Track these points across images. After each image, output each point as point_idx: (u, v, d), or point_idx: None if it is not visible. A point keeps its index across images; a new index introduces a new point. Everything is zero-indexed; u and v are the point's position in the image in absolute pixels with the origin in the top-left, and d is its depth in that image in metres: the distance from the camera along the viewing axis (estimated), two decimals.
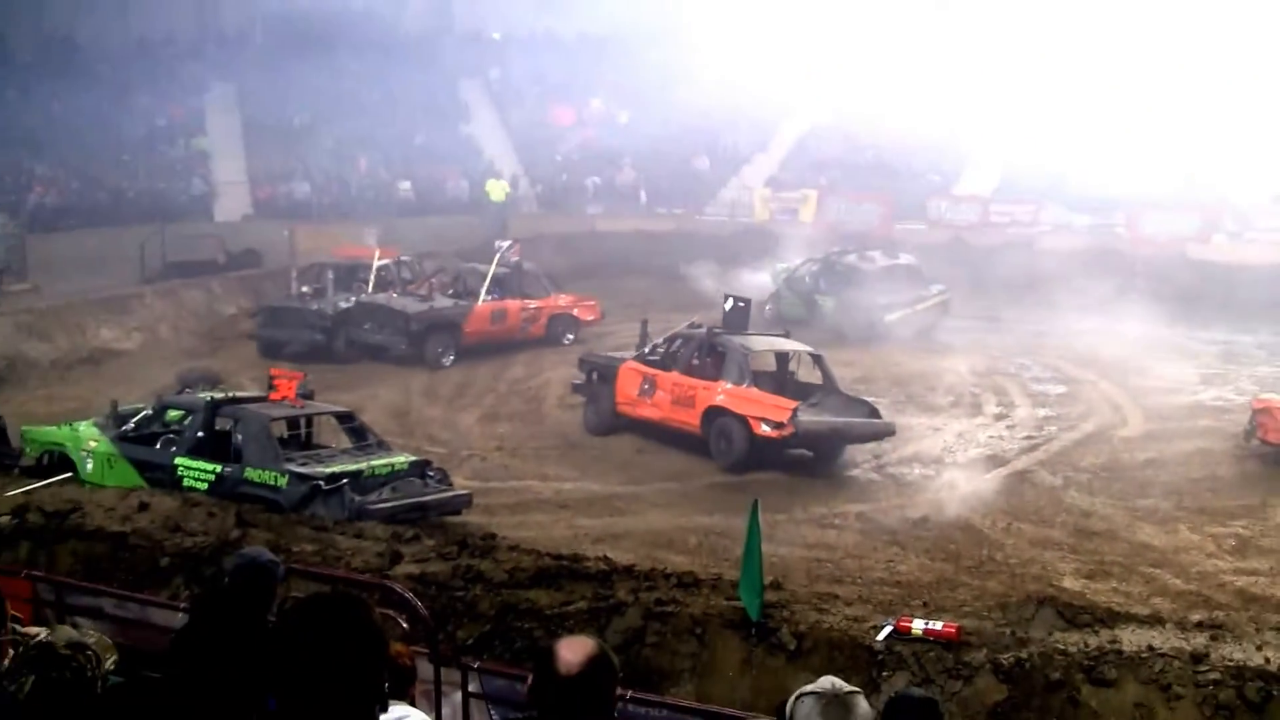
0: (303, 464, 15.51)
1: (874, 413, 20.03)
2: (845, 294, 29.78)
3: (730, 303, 21.81)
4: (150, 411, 17.27)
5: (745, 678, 9.88)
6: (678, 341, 21.78)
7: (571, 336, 29.41)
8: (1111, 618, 10.19)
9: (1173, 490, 18.18)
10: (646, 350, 22.01)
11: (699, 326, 22.02)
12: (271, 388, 16.89)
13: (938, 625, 9.80)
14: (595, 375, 22.16)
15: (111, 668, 4.92)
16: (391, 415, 22.76)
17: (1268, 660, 8.96)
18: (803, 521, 16.94)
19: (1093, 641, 9.48)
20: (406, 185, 43.71)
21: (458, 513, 16.19)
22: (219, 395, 17.27)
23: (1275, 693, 8.61)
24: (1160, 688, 8.86)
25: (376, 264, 27.90)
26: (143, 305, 29.42)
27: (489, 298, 27.97)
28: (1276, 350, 28.14)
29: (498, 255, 29.40)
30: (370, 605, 3.39)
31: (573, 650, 3.86)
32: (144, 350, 28.28)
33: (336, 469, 15.36)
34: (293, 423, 16.89)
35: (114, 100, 43.69)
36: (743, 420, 19.28)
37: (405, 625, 8.28)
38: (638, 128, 46.83)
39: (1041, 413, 22.80)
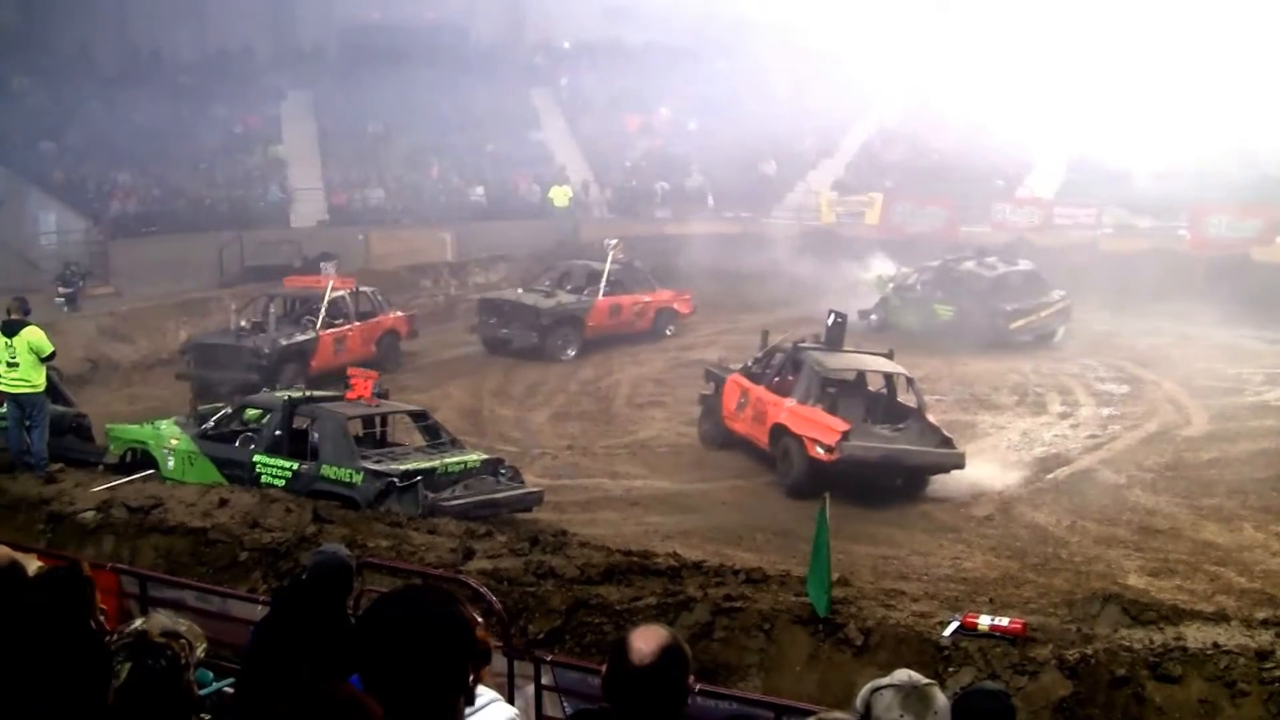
0: (378, 462, 15.75)
1: (945, 443, 18.43)
2: (966, 301, 29.12)
3: (832, 318, 20.71)
4: (229, 410, 17.65)
5: (812, 672, 9.90)
6: (772, 356, 20.98)
7: (672, 328, 30.33)
8: (1176, 615, 10.15)
9: (1236, 489, 18.15)
10: (751, 362, 21.32)
11: (802, 342, 20.76)
12: (348, 387, 17.25)
13: (1003, 621, 9.77)
14: (716, 387, 21.24)
15: (203, 656, 5.11)
16: (464, 414, 23.07)
17: None
18: (870, 519, 17.05)
19: (1157, 638, 9.42)
20: (479, 191, 44.14)
21: (529, 510, 16.45)
22: (296, 394, 17.59)
23: None
24: (1225, 684, 8.82)
25: (330, 295, 26.11)
26: (221, 308, 29.85)
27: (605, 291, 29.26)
28: None
29: (610, 254, 30.00)
30: (458, 596, 3.48)
31: (646, 640, 3.93)
32: None
33: (411, 466, 15.62)
34: (368, 421, 17.24)
35: (193, 110, 44.31)
36: (800, 440, 18.27)
37: (479, 619, 8.44)
38: (706, 134, 46.99)
39: (1105, 412, 22.78)
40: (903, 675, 4.41)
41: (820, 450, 17.82)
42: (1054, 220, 39.81)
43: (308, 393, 17.93)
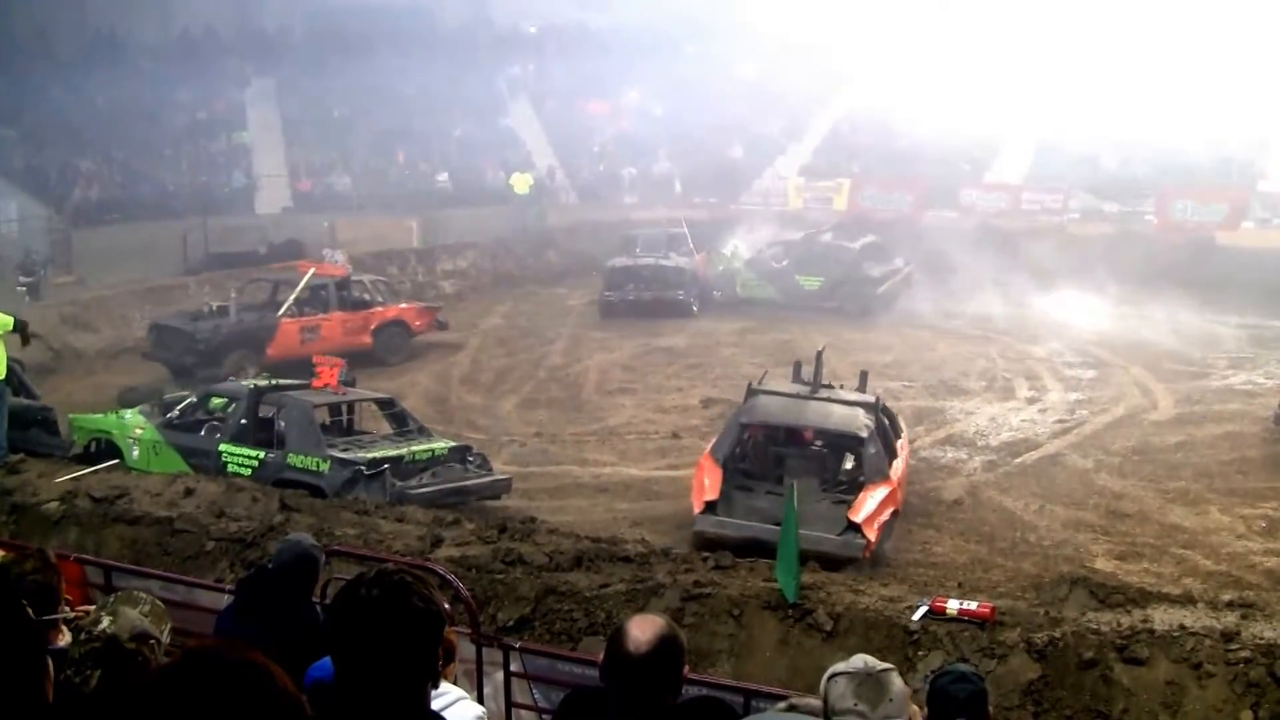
0: (345, 450, 15.72)
1: (851, 528, 14.03)
2: (834, 272, 31.00)
3: (817, 355, 17.51)
4: (194, 399, 17.55)
5: (782, 657, 9.94)
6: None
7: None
8: (1143, 597, 10.22)
9: (1203, 473, 18.28)
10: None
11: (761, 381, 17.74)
12: (314, 375, 17.17)
13: (972, 605, 9.82)
14: None
15: (168, 638, 5.06)
16: (431, 402, 23.05)
17: None
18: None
19: (1125, 621, 9.49)
20: (444, 177, 44.09)
21: (497, 497, 16.46)
22: (262, 383, 17.51)
23: None
24: (1191, 666, 8.88)
25: (302, 282, 25.70)
26: (186, 296, 29.72)
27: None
28: None
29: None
30: (430, 581, 3.49)
31: (643, 629, 3.97)
32: None
33: (378, 454, 15.58)
34: (334, 409, 17.25)
35: (156, 96, 44.06)
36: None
37: (447, 606, 8.42)
38: (673, 119, 47.07)
39: (1073, 397, 22.89)
40: (859, 661, 4.37)
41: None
42: (1021, 205, 40.08)
43: (273, 381, 17.85)
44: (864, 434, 15.36)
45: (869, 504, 14.47)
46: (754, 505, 15.04)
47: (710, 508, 14.64)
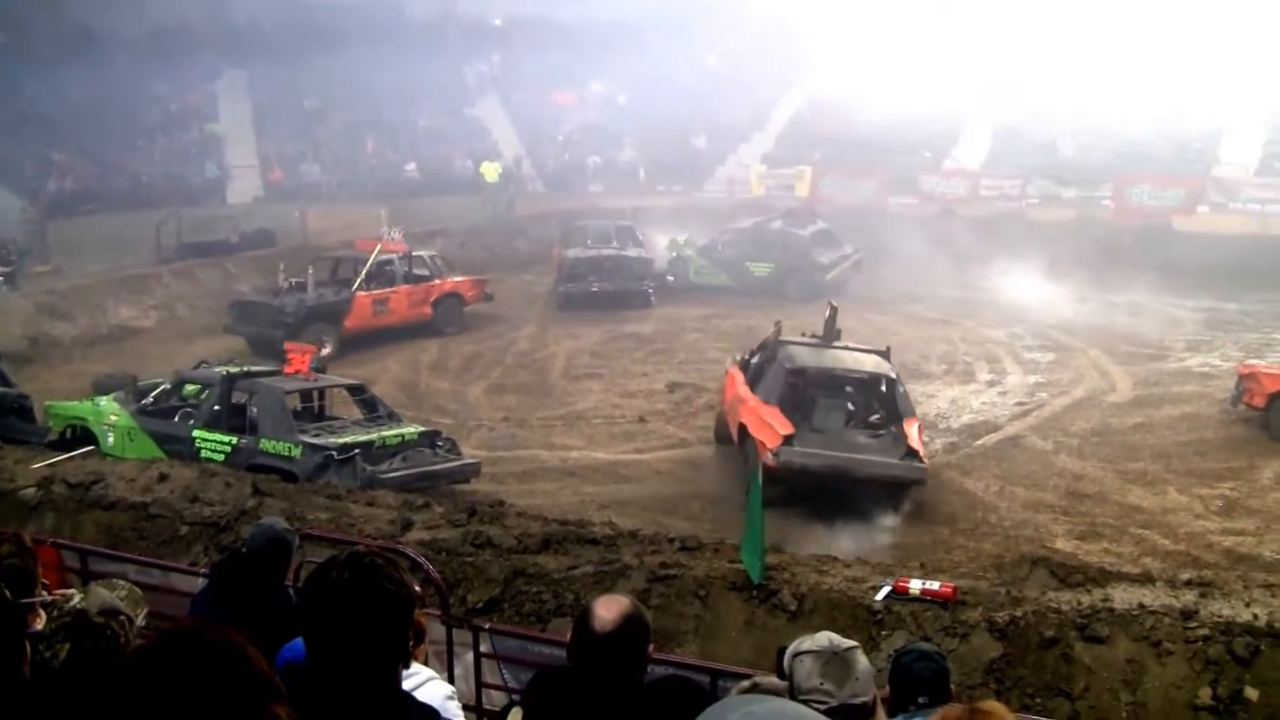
0: (316, 435, 15.83)
1: (910, 454, 16.16)
2: (784, 257, 31.42)
3: (829, 310, 19.00)
4: (168, 386, 17.61)
5: (748, 637, 9.98)
6: (762, 346, 19.42)
7: None
8: (1103, 577, 10.30)
9: (1161, 454, 18.50)
10: (748, 354, 19.73)
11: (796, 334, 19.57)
12: (285, 361, 17.23)
13: (935, 585, 9.87)
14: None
15: (143, 622, 5.10)
16: (401, 388, 23.14)
17: (1255, 616, 9.02)
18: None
19: (1085, 600, 9.55)
20: (412, 166, 44.34)
21: (467, 481, 16.59)
22: (235, 369, 17.54)
23: (1262, 647, 8.67)
24: (1151, 644, 8.95)
25: (373, 259, 27.17)
26: (160, 285, 29.84)
27: None
28: (1261, 317, 28.47)
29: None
30: (400, 563, 3.50)
31: (609, 609, 4.02)
32: (161, 328, 28.85)
33: (349, 439, 15.68)
34: (306, 395, 17.34)
35: (130, 88, 43.84)
36: (755, 444, 16.58)
37: (418, 589, 8.47)
38: (637, 108, 47.14)
39: (1032, 379, 23.08)
40: (824, 639, 4.38)
41: (769, 455, 16.00)
42: (981, 191, 40.27)
43: (245, 368, 17.87)
44: (894, 375, 17.69)
45: (914, 434, 16.51)
46: (831, 438, 16.83)
47: (788, 440, 16.18)
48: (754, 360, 19.04)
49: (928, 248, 32.96)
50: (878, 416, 17.42)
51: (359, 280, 26.90)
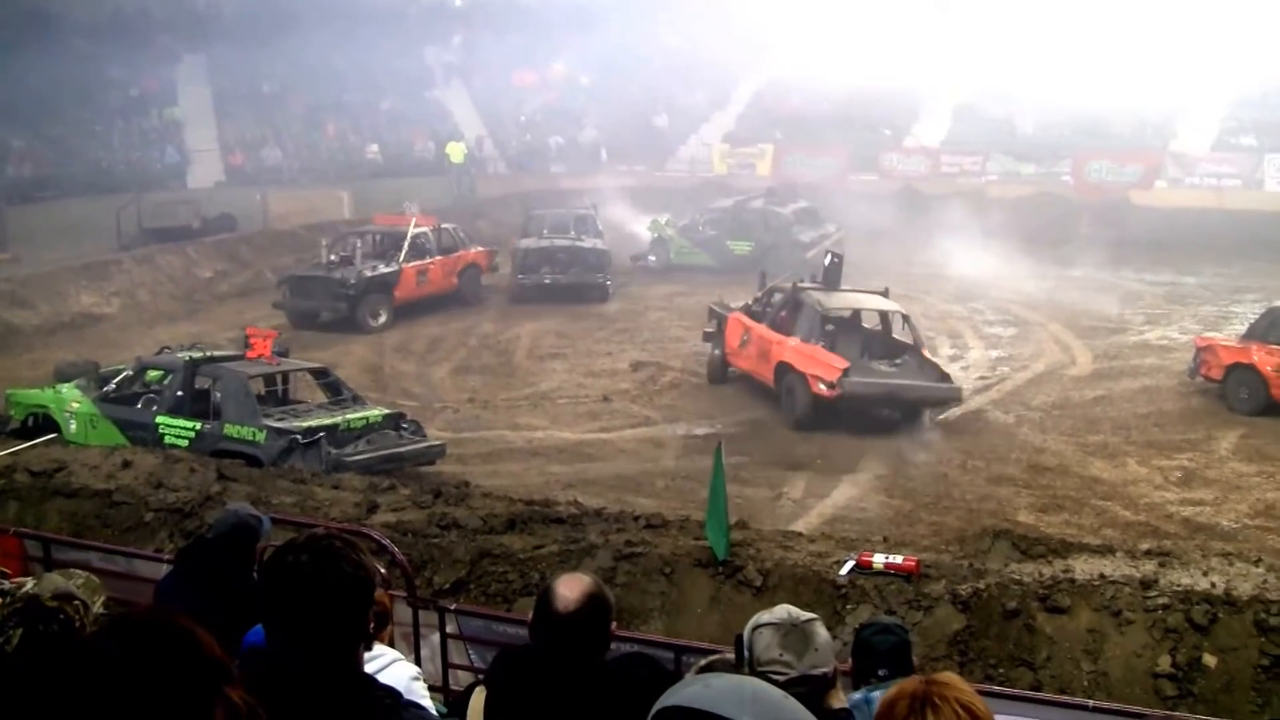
0: (280, 419, 15.77)
1: (943, 377, 19.32)
2: (765, 236, 31.52)
3: (829, 259, 21.42)
4: (131, 372, 17.47)
5: (713, 614, 10.00)
6: (772, 295, 21.67)
7: None
8: (1064, 548, 10.36)
9: (1121, 426, 18.69)
10: (751, 301, 22.15)
11: (802, 282, 21.60)
12: (248, 346, 17.14)
13: (898, 559, 9.90)
14: (719, 324, 22.26)
15: (101, 610, 5.07)
16: (365, 370, 23.11)
17: (1213, 585, 9.11)
18: (765, 463, 17.31)
19: (1047, 571, 9.61)
20: (374, 149, 44.22)
21: (432, 463, 16.57)
22: (197, 355, 17.43)
23: (1220, 615, 8.76)
24: (1112, 613, 9.02)
25: (411, 232, 28.25)
26: (121, 271, 29.65)
27: None
28: (1218, 290, 28.77)
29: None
30: (359, 545, 3.46)
31: (570, 587, 4.00)
32: (123, 314, 28.61)
33: (313, 423, 15.64)
34: (269, 380, 17.21)
35: (89, 73, 43.43)
36: (803, 377, 18.92)
37: (384, 571, 8.48)
38: (599, 89, 47.06)
39: (994, 354, 23.26)
40: (783, 612, 4.30)
41: (823, 387, 18.53)
42: (941, 168, 40.45)
43: (208, 353, 17.79)
44: (904, 311, 20.54)
45: (940, 360, 19.26)
46: (874, 368, 19.36)
47: (846, 372, 18.55)
48: (767, 308, 21.21)
49: (889, 225, 33.08)
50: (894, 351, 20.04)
51: (404, 252, 27.83)
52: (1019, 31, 42.01)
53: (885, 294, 20.92)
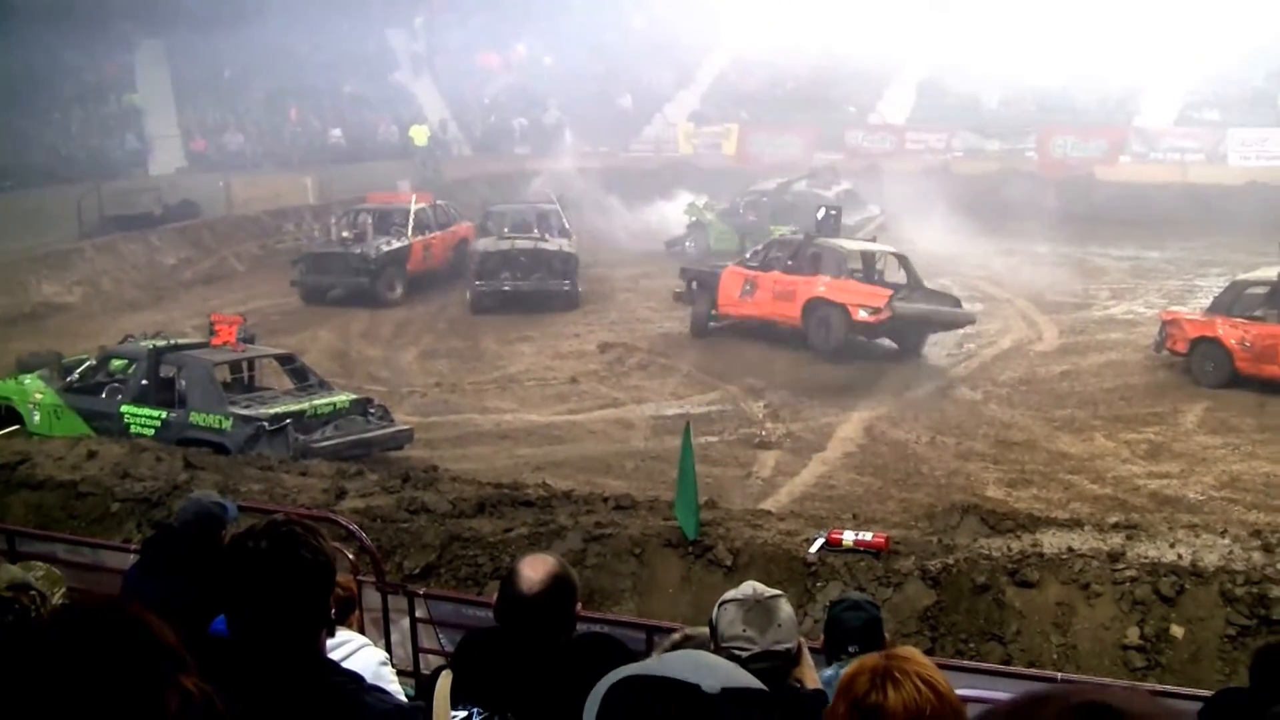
0: (246, 406, 15.69)
1: (958, 304, 22.45)
2: (808, 219, 30.16)
3: (823, 212, 23.76)
4: (94, 362, 17.34)
5: (684, 594, 10.01)
6: (774, 247, 24.00)
7: None
8: (1033, 523, 10.41)
9: (1088, 400, 18.80)
10: (747, 256, 24.35)
11: (797, 233, 24.20)
12: (212, 333, 17.02)
13: (867, 536, 9.92)
14: (694, 283, 24.24)
15: (60, 601, 5.04)
16: (332, 356, 23.03)
17: (1180, 557, 9.16)
18: (733, 442, 17.33)
19: (1015, 546, 9.65)
20: (337, 133, 43.97)
21: (400, 448, 16.56)
22: (161, 343, 17.30)
23: (1187, 586, 8.83)
24: (1080, 586, 9.07)
25: (414, 208, 28.96)
26: (83, 260, 29.46)
27: None
28: (1182, 264, 28.93)
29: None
30: (319, 531, 3.44)
31: (534, 568, 3.96)
32: (86, 303, 28.43)
33: (280, 410, 15.58)
34: (235, 367, 17.12)
35: (44, 59, 42.90)
36: (842, 308, 21.17)
37: (352, 557, 8.45)
38: (562, 69, 46.93)
39: (960, 330, 23.28)
40: (748, 588, 4.35)
41: (865, 314, 20.95)
42: (906, 145, 40.52)
43: (172, 340, 17.67)
44: (903, 253, 23.22)
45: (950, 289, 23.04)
46: (909, 298, 21.51)
47: (891, 298, 20.90)
48: (771, 258, 23.45)
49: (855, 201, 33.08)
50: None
51: (410, 227, 28.66)
52: (983, 7, 42.10)
53: (874, 240, 24.43)
